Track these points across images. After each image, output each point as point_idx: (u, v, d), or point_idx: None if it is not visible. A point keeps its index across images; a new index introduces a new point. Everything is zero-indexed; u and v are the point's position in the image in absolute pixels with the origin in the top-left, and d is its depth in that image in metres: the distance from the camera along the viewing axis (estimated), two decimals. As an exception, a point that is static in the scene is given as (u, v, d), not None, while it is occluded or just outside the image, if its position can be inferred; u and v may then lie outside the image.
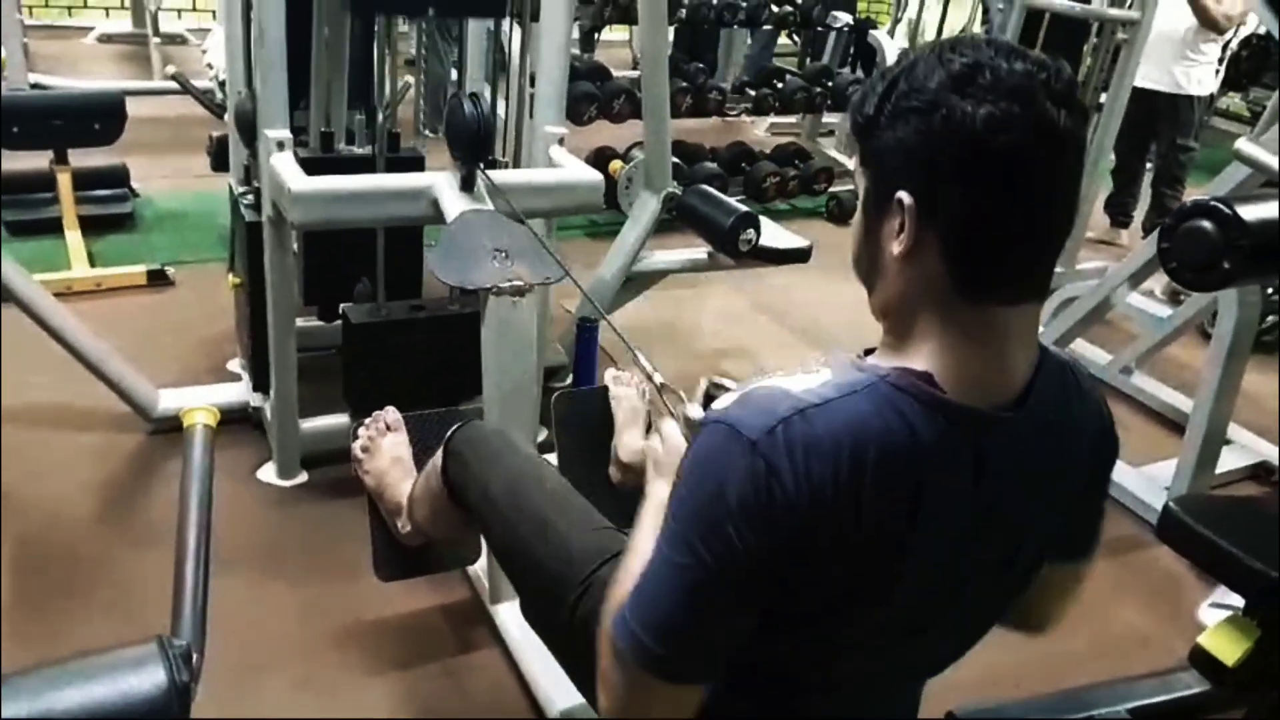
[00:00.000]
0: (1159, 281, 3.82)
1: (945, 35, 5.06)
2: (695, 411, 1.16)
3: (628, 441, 1.79)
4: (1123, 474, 2.74)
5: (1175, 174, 4.60)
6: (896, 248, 0.85)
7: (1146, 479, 2.71)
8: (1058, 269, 2.94)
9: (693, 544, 0.85)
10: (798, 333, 3.67)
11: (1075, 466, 0.98)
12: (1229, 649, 1.57)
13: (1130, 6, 3.82)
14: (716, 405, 0.90)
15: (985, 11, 5.66)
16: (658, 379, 1.37)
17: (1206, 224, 1.82)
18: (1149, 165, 4.82)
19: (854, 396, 0.84)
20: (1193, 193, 4.21)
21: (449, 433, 1.51)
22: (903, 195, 0.84)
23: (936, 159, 0.82)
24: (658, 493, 1.07)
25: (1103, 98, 4.06)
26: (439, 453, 1.51)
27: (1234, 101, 7.05)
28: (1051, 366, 0.93)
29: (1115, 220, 4.88)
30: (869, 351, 0.94)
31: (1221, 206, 1.81)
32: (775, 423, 0.83)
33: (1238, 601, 1.66)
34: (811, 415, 0.83)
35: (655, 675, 0.88)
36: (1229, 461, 2.76)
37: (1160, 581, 2.41)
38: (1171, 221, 1.92)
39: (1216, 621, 1.65)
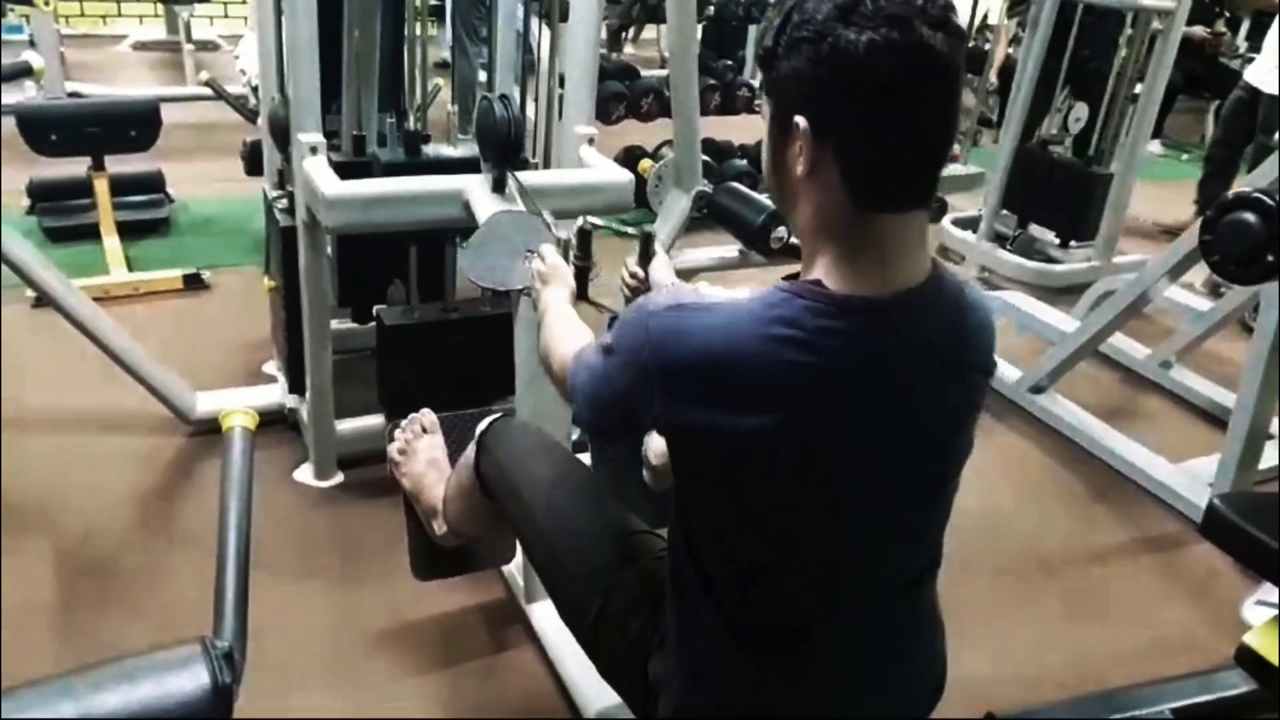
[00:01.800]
0: (1199, 274, 3.76)
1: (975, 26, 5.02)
2: (566, 234, 1.55)
3: (657, 444, 1.78)
4: (1162, 470, 2.70)
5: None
6: (799, 169, 0.94)
7: (1188, 475, 2.67)
8: (1095, 262, 2.92)
9: (608, 364, 1.06)
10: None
11: (965, 350, 1.03)
12: (1276, 648, 1.54)
13: (1166, -4, 3.76)
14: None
15: (1014, 4, 5.61)
16: (552, 227, 1.63)
17: (1250, 216, 1.79)
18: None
19: (743, 301, 0.96)
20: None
21: (482, 427, 1.51)
22: (799, 120, 0.92)
23: (826, 84, 0.90)
24: (547, 295, 1.41)
25: (1138, 88, 4.00)
26: (471, 447, 1.52)
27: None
28: (943, 272, 1.01)
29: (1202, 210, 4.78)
30: (788, 279, 1.01)
31: (1265, 198, 1.78)
32: (671, 304, 0.98)
33: (1283, 599, 1.63)
34: (703, 308, 0.96)
35: (575, 417, 1.13)
36: (1272, 457, 2.71)
37: (1203, 579, 2.38)
38: (1214, 214, 1.88)
39: (1263, 620, 1.62)
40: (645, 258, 1.48)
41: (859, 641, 1.10)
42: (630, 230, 1.62)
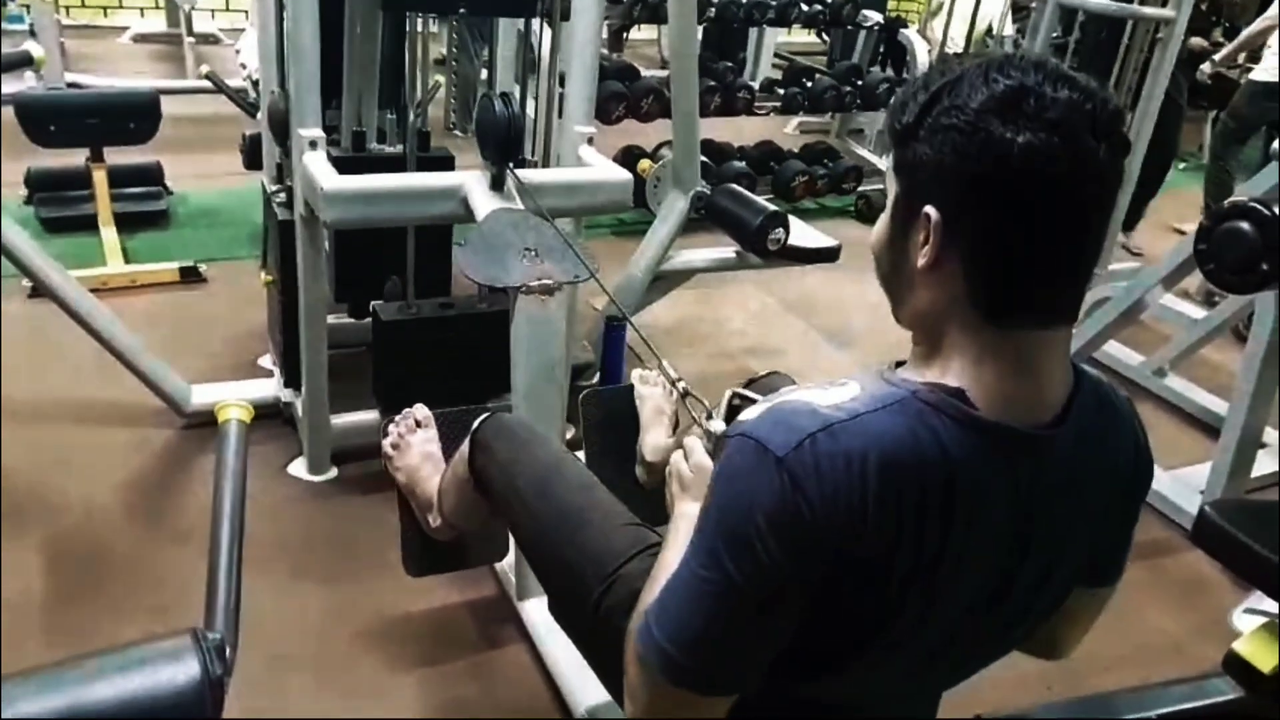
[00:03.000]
0: (1193, 282, 3.77)
1: (975, 32, 5.03)
2: (717, 425, 1.16)
3: (651, 440, 1.79)
4: (1155, 477, 2.70)
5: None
6: (921, 260, 0.85)
7: (1179, 482, 2.68)
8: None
9: (720, 559, 0.84)
10: (825, 332, 3.65)
11: (1111, 490, 0.96)
12: (1265, 656, 1.55)
13: (1166, 5, 3.77)
14: (743, 418, 0.88)
15: (1015, 11, 5.62)
16: (681, 386, 1.37)
17: (1245, 225, 1.80)
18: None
19: (883, 411, 0.83)
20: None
21: (476, 423, 1.51)
22: (930, 210, 0.83)
23: (969, 182, 0.80)
24: (684, 511, 1.06)
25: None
26: (466, 442, 1.52)
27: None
28: (1087, 387, 0.91)
29: None
30: (899, 364, 0.92)
31: (1261, 208, 1.79)
32: (802, 439, 0.81)
33: (1273, 607, 1.64)
34: (838, 431, 0.81)
35: (681, 686, 0.87)
36: (1264, 465, 2.72)
37: (1193, 586, 2.38)
38: (1209, 223, 1.89)
39: (1252, 628, 1.63)
40: (732, 416, 1.08)
41: (863, 697, 1.05)
42: (755, 396, 1.10)
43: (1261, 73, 4.75)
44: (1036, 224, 0.80)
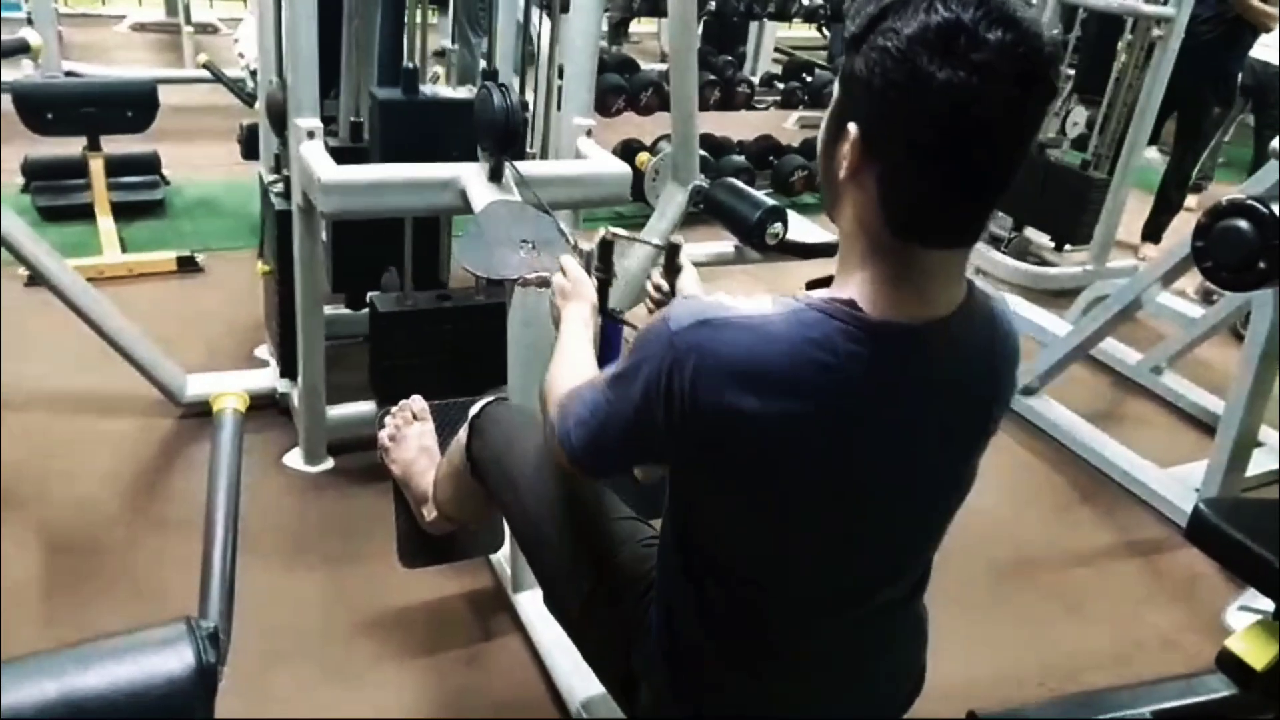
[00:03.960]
0: (1190, 281, 3.78)
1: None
2: (586, 246, 1.45)
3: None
4: (1150, 474, 2.72)
5: None
6: (842, 171, 0.89)
7: (1175, 480, 2.68)
8: (1088, 267, 2.92)
9: (617, 392, 0.99)
10: (823, 328, 3.65)
11: (990, 381, 1.02)
12: (1258, 653, 1.55)
13: (1166, 3, 3.76)
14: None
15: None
16: (572, 238, 1.58)
17: (1243, 223, 1.80)
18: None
19: (773, 316, 0.91)
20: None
21: (475, 408, 1.51)
22: (852, 127, 0.87)
23: (889, 106, 0.83)
24: (568, 314, 1.31)
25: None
26: (463, 429, 1.52)
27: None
28: (978, 298, 0.97)
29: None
30: (813, 285, 0.98)
31: (1259, 206, 1.79)
32: (696, 320, 0.92)
33: (1267, 605, 1.64)
34: (730, 323, 0.91)
35: (571, 464, 1.07)
36: (1260, 463, 2.72)
37: (1187, 583, 2.39)
38: (1207, 220, 1.89)
39: (1245, 625, 1.63)
40: (671, 270, 1.41)
41: (842, 652, 1.11)
42: (656, 241, 1.62)
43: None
44: (945, 158, 0.83)
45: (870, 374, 0.90)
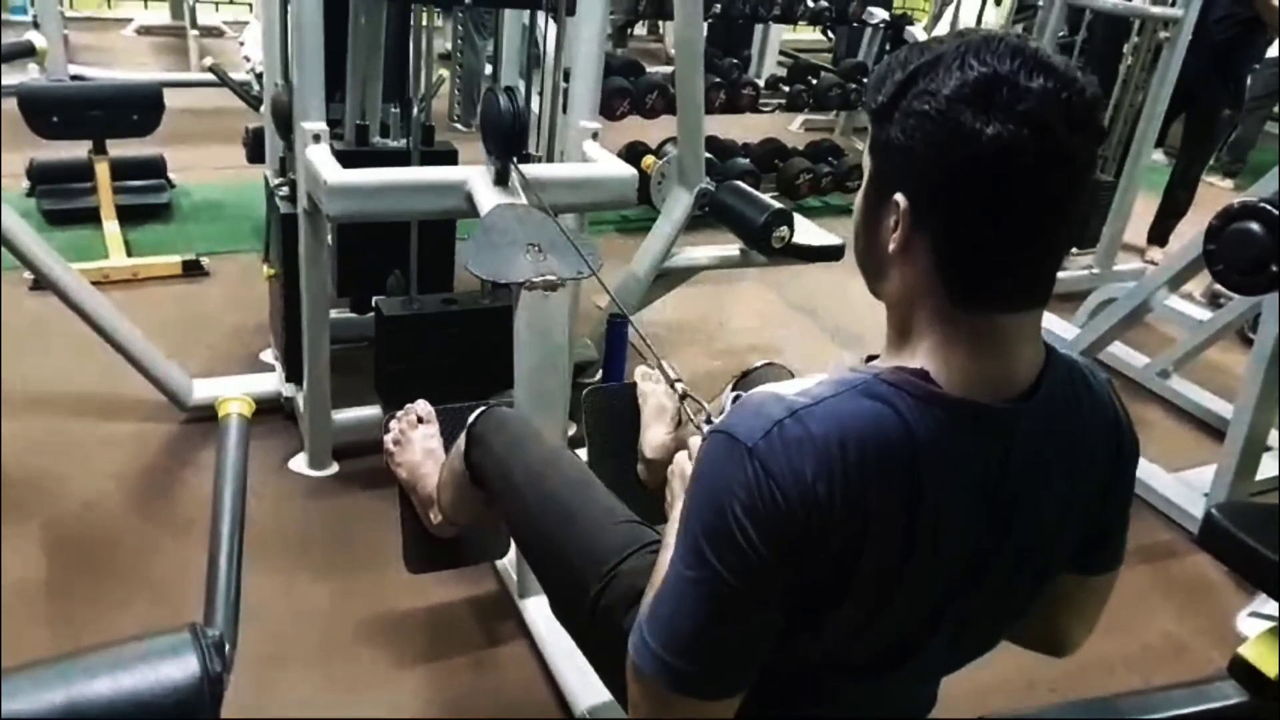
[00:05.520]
0: (1199, 284, 3.76)
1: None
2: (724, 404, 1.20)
3: (651, 438, 1.78)
4: (1159, 479, 2.70)
5: None
6: (891, 245, 0.85)
7: (1183, 484, 2.67)
8: (1095, 270, 2.91)
9: (704, 556, 0.83)
10: (829, 331, 3.64)
11: (1089, 464, 0.94)
12: (1271, 660, 1.54)
13: (1174, 4, 3.75)
14: (719, 417, 0.87)
15: (1021, 9, 5.60)
16: (680, 388, 1.37)
17: (1255, 226, 1.79)
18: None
19: (846, 394, 0.83)
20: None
21: (473, 416, 1.50)
22: (899, 197, 0.83)
23: (937, 170, 0.80)
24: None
25: (1142, 96, 4.00)
26: (462, 436, 1.51)
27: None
28: (1060, 365, 0.91)
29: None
30: (872, 357, 0.92)
31: (1270, 208, 1.78)
32: (770, 426, 0.82)
33: (1277, 610, 1.63)
34: (804, 415, 0.82)
35: (682, 693, 0.87)
36: (1269, 468, 2.70)
37: (1197, 589, 2.37)
38: (1218, 223, 1.88)
39: (1258, 632, 1.62)
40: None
41: (861, 700, 1.04)
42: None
43: None
44: (1004, 215, 0.79)
45: (950, 451, 0.83)
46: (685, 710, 0.87)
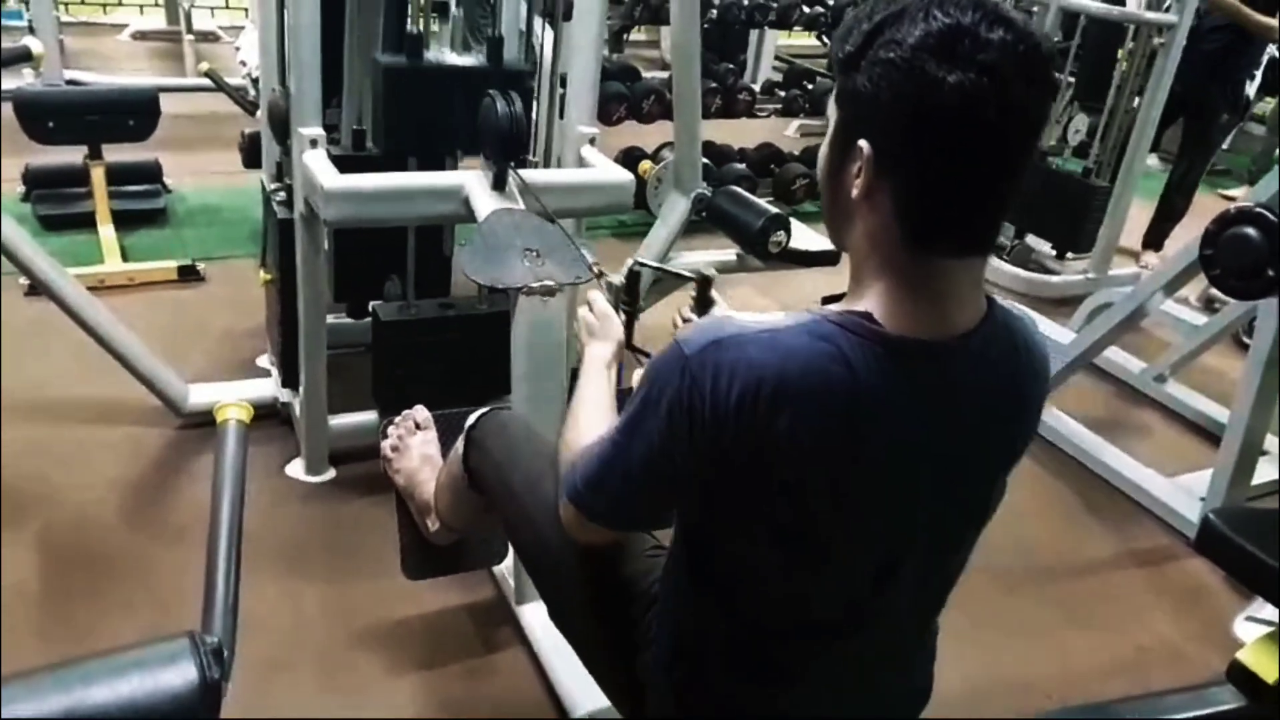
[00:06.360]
0: (1194, 288, 3.77)
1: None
2: (616, 279, 1.43)
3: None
4: (1155, 483, 2.71)
5: None
6: (854, 191, 0.90)
7: (1180, 489, 2.68)
8: (1090, 275, 2.93)
9: (634, 432, 0.97)
10: (826, 336, 3.64)
11: (1022, 405, 1.01)
12: (1269, 665, 1.54)
13: (1168, 10, 3.77)
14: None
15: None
16: (596, 268, 1.60)
17: (1251, 231, 1.79)
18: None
19: (793, 329, 0.90)
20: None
21: (471, 419, 1.50)
22: (864, 144, 0.88)
23: (901, 116, 0.84)
24: (592, 353, 1.34)
25: (1137, 101, 4.01)
26: (461, 439, 1.51)
27: (1270, 106, 6.94)
28: (998, 313, 0.97)
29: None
30: (828, 300, 0.97)
31: (1267, 214, 1.78)
32: (708, 343, 0.90)
33: (1274, 615, 1.63)
34: (746, 340, 0.89)
35: (595, 522, 1.06)
36: (1265, 473, 2.71)
37: (1194, 594, 2.38)
38: (1215, 228, 1.89)
39: (1255, 637, 1.62)
40: (703, 305, 1.37)
41: (853, 668, 1.09)
42: (688, 273, 1.52)
43: None
44: (962, 161, 0.85)
45: (888, 390, 0.89)
46: (597, 534, 1.10)
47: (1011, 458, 1.04)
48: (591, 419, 1.18)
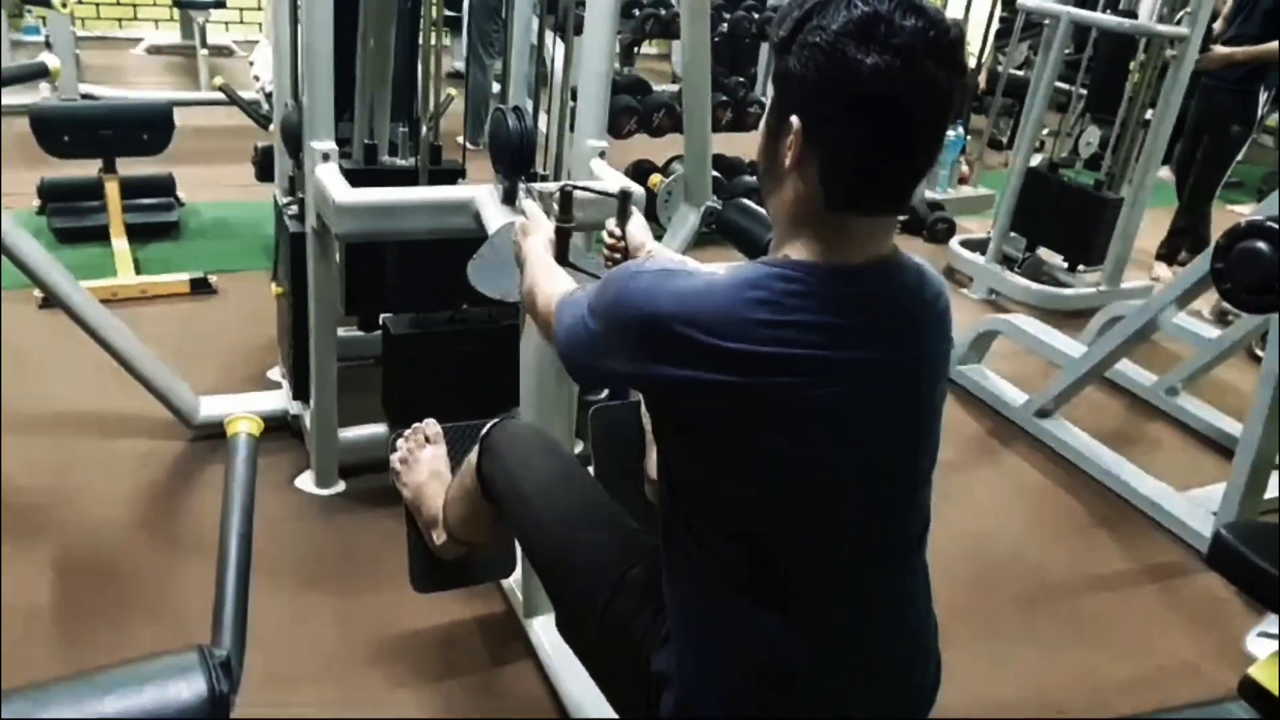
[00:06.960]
0: (1206, 302, 3.76)
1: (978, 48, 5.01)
2: (547, 187, 1.65)
3: (656, 459, 1.78)
4: (1168, 497, 2.69)
5: None
6: (787, 161, 1.00)
7: (1192, 503, 2.66)
8: (1103, 288, 2.92)
9: (589, 323, 1.09)
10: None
11: (935, 327, 1.09)
12: (1282, 681, 1.52)
13: (1179, 23, 3.76)
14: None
15: (1027, 28, 5.62)
16: (530, 191, 1.74)
17: (1262, 245, 1.79)
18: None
19: (719, 273, 1.02)
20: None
21: (487, 428, 1.50)
22: (794, 119, 0.98)
23: (825, 96, 0.95)
24: (528, 247, 1.44)
25: (1149, 114, 4.00)
26: (475, 449, 1.51)
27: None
28: (904, 256, 1.07)
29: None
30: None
31: (1277, 227, 1.77)
32: (654, 269, 1.05)
33: (1289, 632, 1.62)
34: (675, 274, 1.03)
35: (566, 365, 1.16)
36: (1278, 487, 2.69)
37: (1206, 609, 2.36)
38: (1226, 241, 1.88)
39: (1268, 652, 1.61)
40: (623, 217, 1.56)
41: (856, 604, 1.10)
42: (611, 191, 1.71)
43: None
44: (879, 134, 0.95)
45: (810, 309, 0.98)
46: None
47: (941, 362, 1.11)
48: (553, 274, 1.33)
